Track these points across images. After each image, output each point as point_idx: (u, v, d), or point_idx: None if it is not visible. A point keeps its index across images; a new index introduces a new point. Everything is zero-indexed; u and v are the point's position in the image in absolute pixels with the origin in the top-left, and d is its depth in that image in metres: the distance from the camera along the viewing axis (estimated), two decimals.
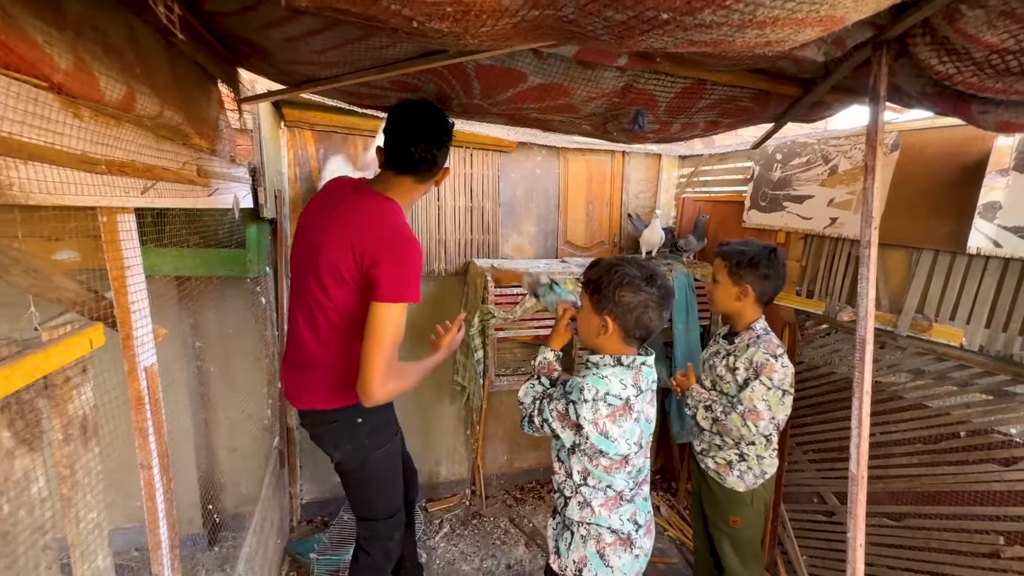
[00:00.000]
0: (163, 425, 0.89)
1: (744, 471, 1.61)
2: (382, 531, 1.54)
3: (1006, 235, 1.37)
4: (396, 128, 1.31)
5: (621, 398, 1.16)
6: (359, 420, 1.39)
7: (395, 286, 1.21)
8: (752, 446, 1.58)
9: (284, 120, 2.12)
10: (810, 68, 1.19)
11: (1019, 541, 1.41)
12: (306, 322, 1.35)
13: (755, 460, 1.59)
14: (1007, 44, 0.82)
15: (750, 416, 1.48)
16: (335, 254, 1.25)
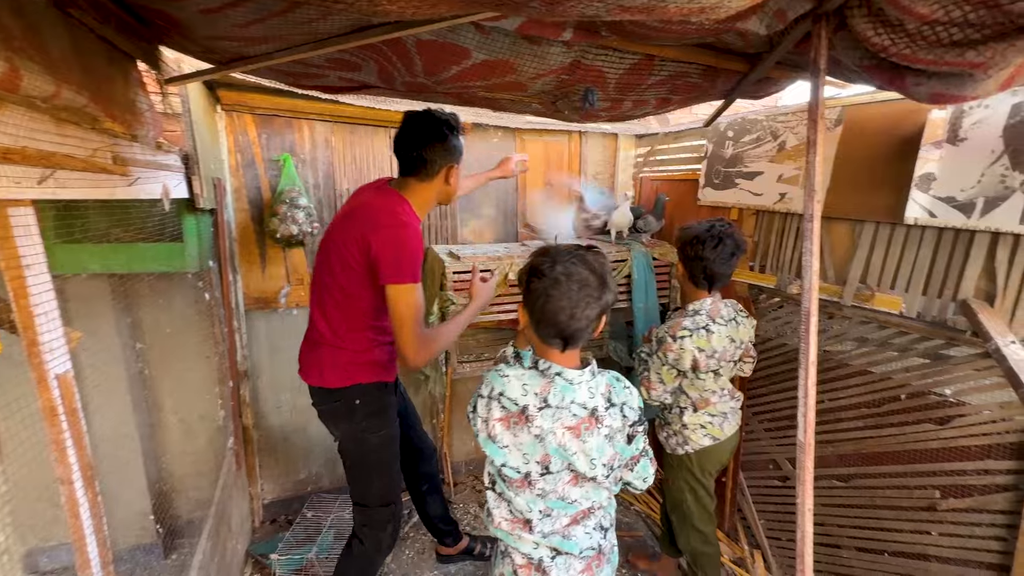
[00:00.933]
0: (83, 436, 0.82)
1: (669, 434, 1.77)
2: (376, 519, 1.60)
3: (940, 205, 1.43)
4: (397, 135, 1.48)
5: (517, 405, 1.01)
6: (357, 402, 1.51)
7: (391, 267, 1.35)
8: (668, 412, 1.76)
9: (220, 103, 1.99)
10: (755, 42, 1.18)
11: (953, 494, 1.50)
12: (318, 304, 1.53)
13: (678, 427, 1.73)
14: (937, 15, 0.83)
15: (643, 381, 1.67)
16: (347, 242, 1.42)
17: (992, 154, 1.32)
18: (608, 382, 1.07)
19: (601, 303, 0.99)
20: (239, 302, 2.18)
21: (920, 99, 1.02)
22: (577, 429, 1.00)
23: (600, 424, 1.02)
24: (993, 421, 1.39)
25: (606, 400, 1.04)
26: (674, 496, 1.81)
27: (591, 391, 1.03)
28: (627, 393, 1.07)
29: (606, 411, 1.03)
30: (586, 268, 0.98)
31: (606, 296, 0.99)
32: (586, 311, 0.97)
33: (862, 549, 1.75)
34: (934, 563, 1.55)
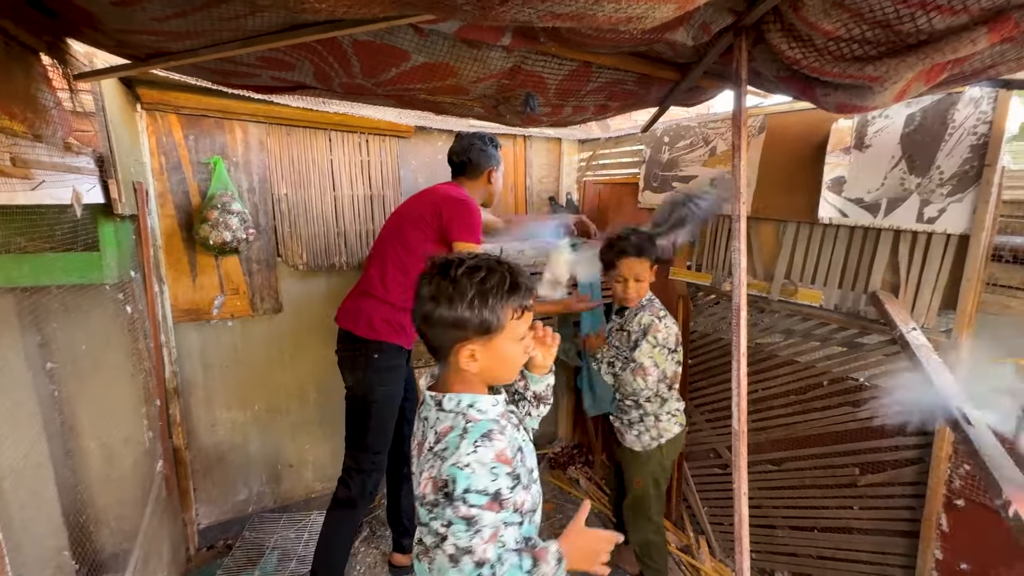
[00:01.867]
0: None
1: (641, 432, 1.79)
2: (365, 464, 1.78)
3: (850, 206, 1.56)
4: (450, 148, 1.94)
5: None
6: (376, 356, 1.73)
7: (462, 228, 1.72)
8: (649, 403, 1.76)
9: (141, 102, 1.86)
10: (683, 52, 1.25)
11: (870, 470, 1.63)
12: (378, 261, 1.80)
13: (652, 421, 1.77)
14: (840, 32, 0.91)
15: (638, 372, 1.69)
16: (420, 211, 1.78)
17: (892, 159, 1.47)
18: (452, 425, 0.88)
19: (440, 310, 0.86)
20: (166, 314, 2.03)
21: (829, 108, 1.11)
22: (420, 449, 0.93)
23: (421, 459, 0.90)
24: None
25: (434, 441, 0.88)
26: (639, 493, 1.84)
27: (428, 420, 0.93)
28: (453, 450, 0.84)
29: (430, 451, 0.88)
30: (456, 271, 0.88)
31: (448, 309, 0.86)
32: (424, 307, 0.88)
33: (795, 528, 1.87)
34: (856, 535, 1.69)
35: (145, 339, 1.88)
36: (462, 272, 0.87)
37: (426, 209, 1.77)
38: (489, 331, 0.88)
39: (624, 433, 1.84)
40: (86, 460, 1.97)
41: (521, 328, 0.92)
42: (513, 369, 0.96)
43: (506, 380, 0.97)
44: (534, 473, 0.97)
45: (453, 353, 0.90)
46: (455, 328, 0.87)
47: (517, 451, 0.91)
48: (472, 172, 1.90)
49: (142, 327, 1.88)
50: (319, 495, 2.50)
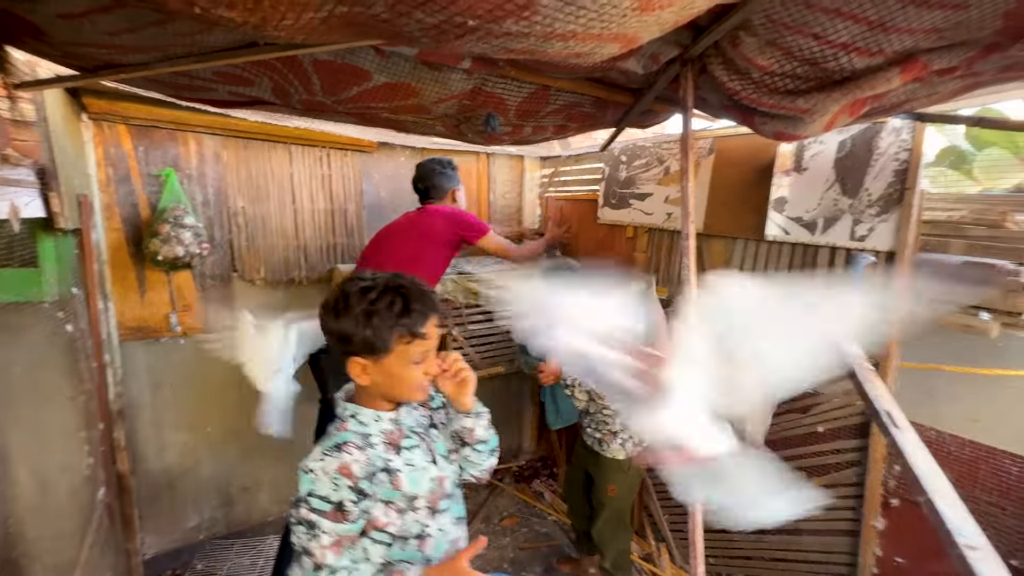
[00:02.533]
0: None
1: (626, 439, 1.81)
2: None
3: (792, 224, 1.67)
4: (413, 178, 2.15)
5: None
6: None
7: (472, 228, 2.02)
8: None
9: (87, 112, 1.78)
10: (635, 79, 1.32)
11: (817, 473, 1.72)
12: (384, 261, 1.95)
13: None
14: (774, 67, 0.99)
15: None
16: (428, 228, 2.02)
17: (827, 182, 1.58)
18: (330, 429, 0.94)
19: (329, 321, 0.90)
20: (111, 332, 1.94)
21: (767, 135, 1.20)
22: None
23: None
24: (841, 407, 1.63)
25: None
26: (617, 506, 1.84)
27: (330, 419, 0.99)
28: (309, 455, 0.88)
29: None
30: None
31: (334, 321, 0.89)
32: (319, 313, 0.92)
33: (749, 532, 1.94)
34: (805, 536, 1.77)
35: (87, 359, 1.78)
36: (355, 290, 0.88)
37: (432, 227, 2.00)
38: (374, 352, 0.88)
39: (607, 443, 1.83)
40: (16, 490, 1.83)
41: (413, 353, 0.89)
42: (411, 390, 0.93)
43: (407, 399, 0.96)
44: (417, 501, 0.93)
45: (347, 364, 0.91)
46: (342, 342, 0.89)
47: (380, 471, 0.89)
48: (437, 194, 2.10)
49: (83, 346, 1.78)
50: (275, 518, 2.40)
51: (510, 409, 3.07)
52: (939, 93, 1.04)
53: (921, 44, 0.91)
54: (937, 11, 0.83)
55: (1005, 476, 1.30)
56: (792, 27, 0.91)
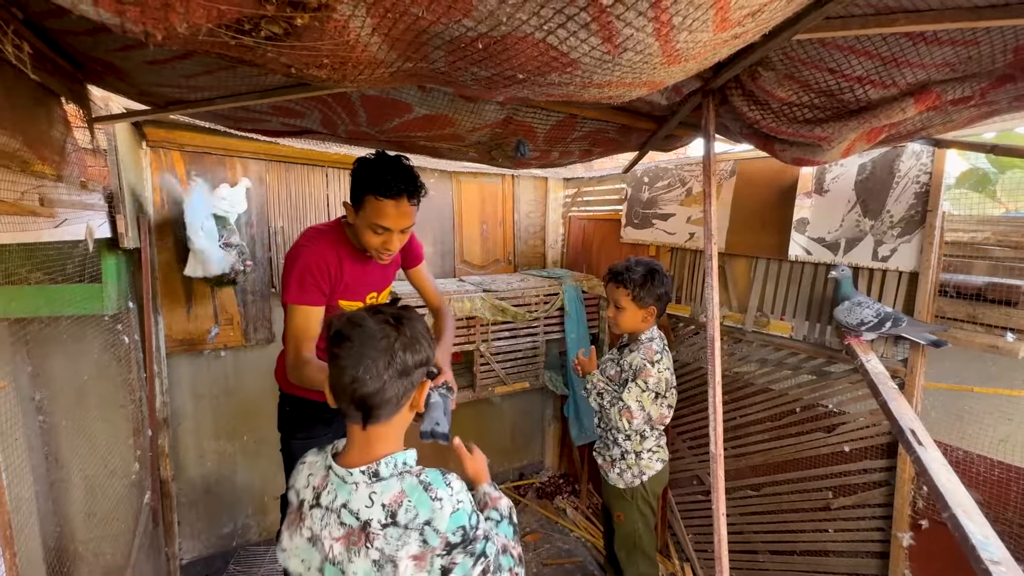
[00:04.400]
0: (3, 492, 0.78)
1: (623, 469, 1.77)
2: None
3: (814, 245, 1.70)
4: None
5: (298, 497, 0.89)
6: (287, 408, 1.63)
7: (282, 285, 1.42)
8: (628, 441, 1.75)
9: (147, 140, 1.94)
10: (659, 108, 1.39)
11: (843, 493, 1.72)
12: None
13: (633, 459, 1.75)
14: (792, 99, 1.05)
15: (624, 413, 1.66)
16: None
17: (848, 203, 1.61)
18: (405, 489, 0.81)
19: (398, 361, 0.81)
20: (160, 345, 2.06)
21: (786, 161, 1.25)
22: (345, 540, 0.81)
23: (369, 544, 0.79)
24: (867, 427, 1.64)
25: (387, 515, 0.80)
26: (627, 530, 1.82)
27: (371, 497, 0.81)
28: (435, 507, 0.80)
29: (382, 529, 0.79)
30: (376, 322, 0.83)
31: (406, 355, 0.82)
32: (375, 370, 0.79)
33: (775, 552, 1.93)
34: (832, 557, 1.76)
35: (138, 369, 1.90)
36: (413, 318, 0.88)
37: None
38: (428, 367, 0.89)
39: (607, 471, 1.83)
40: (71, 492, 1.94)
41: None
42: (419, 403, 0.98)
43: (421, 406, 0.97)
44: None
45: (406, 403, 0.87)
46: (422, 366, 0.87)
47: None
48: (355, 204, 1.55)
49: (136, 357, 1.90)
50: None
51: (533, 424, 3.11)
52: (954, 121, 1.08)
53: (934, 76, 0.96)
54: (948, 47, 0.88)
55: None
56: (808, 63, 0.97)
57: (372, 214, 1.30)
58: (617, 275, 1.72)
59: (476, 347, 2.34)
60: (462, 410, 2.80)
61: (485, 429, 2.96)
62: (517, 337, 2.45)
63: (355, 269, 1.47)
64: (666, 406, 1.74)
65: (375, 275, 1.56)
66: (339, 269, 1.42)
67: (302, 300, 1.35)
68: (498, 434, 3.01)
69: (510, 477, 3.06)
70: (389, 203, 1.28)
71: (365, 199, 1.30)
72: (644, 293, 1.68)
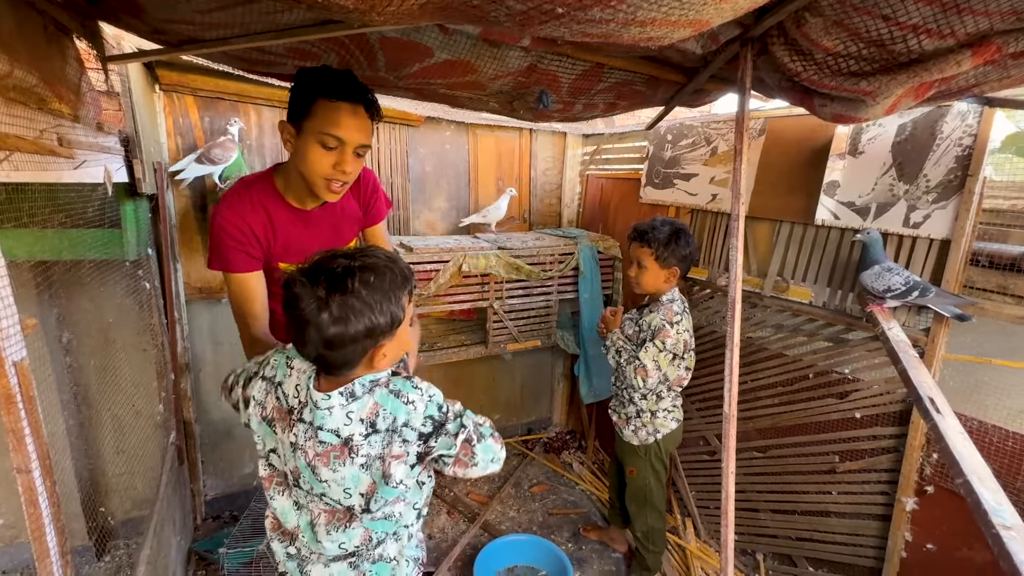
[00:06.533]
0: (40, 424, 0.81)
1: (638, 427, 1.82)
2: None
3: (843, 209, 1.65)
4: None
5: (287, 403, 0.90)
6: None
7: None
8: (644, 400, 1.79)
9: (159, 83, 1.90)
10: (692, 58, 1.31)
11: (849, 458, 1.74)
12: None
13: (648, 417, 1.80)
14: (838, 49, 0.98)
15: (640, 371, 1.69)
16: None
17: (883, 166, 1.55)
18: (378, 400, 0.87)
19: (330, 335, 0.79)
20: (180, 291, 2.09)
21: (825, 118, 1.19)
22: (326, 457, 0.86)
23: (354, 455, 0.86)
24: (881, 394, 1.63)
25: (367, 426, 0.86)
26: (638, 485, 1.89)
27: (348, 416, 0.86)
28: (408, 409, 0.87)
29: (364, 439, 0.85)
30: (307, 294, 0.79)
31: (339, 328, 0.79)
32: (312, 342, 0.80)
33: (776, 511, 1.98)
34: (834, 518, 1.80)
35: (160, 315, 1.94)
36: (359, 282, 0.80)
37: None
38: (394, 326, 0.85)
39: (622, 428, 1.88)
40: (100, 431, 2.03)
41: (411, 308, 0.94)
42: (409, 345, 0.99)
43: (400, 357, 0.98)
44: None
45: (365, 362, 0.87)
46: (368, 338, 0.83)
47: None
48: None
49: (157, 303, 1.94)
50: None
51: (543, 382, 3.16)
52: (1012, 77, 1.01)
53: (997, 26, 0.88)
54: None
55: None
56: (861, 8, 0.90)
57: (323, 122, 1.09)
58: (642, 234, 1.71)
59: (490, 304, 2.35)
60: (473, 365, 2.85)
61: (496, 385, 3.01)
62: (531, 296, 2.44)
63: (293, 227, 1.25)
64: (683, 368, 1.77)
65: (323, 234, 1.31)
66: (269, 228, 1.21)
67: (227, 267, 1.18)
68: (508, 390, 3.07)
69: (519, 432, 3.14)
70: (345, 107, 1.09)
71: (314, 105, 1.09)
72: (668, 253, 1.67)
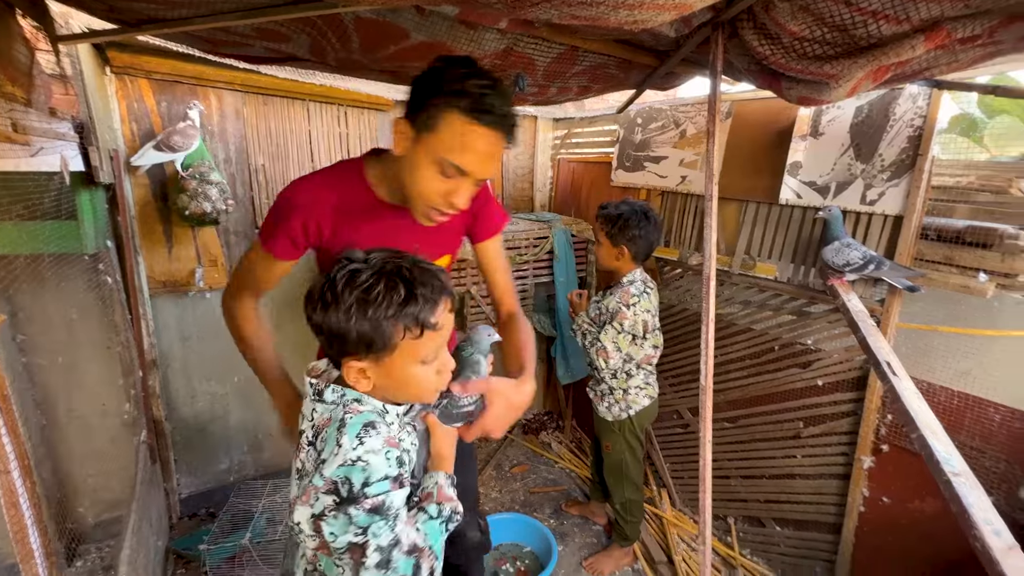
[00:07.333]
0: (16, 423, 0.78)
1: (611, 404, 1.91)
2: None
3: (805, 188, 1.73)
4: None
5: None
6: None
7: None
8: (615, 379, 1.87)
9: (110, 66, 1.79)
10: (664, 42, 1.34)
11: (812, 423, 1.85)
12: None
13: (621, 394, 1.89)
14: (804, 33, 1.02)
15: (601, 353, 1.79)
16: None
17: (842, 147, 1.63)
18: (332, 419, 0.75)
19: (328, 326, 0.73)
20: (143, 286, 2.01)
21: (791, 100, 1.24)
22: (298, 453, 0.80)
23: (296, 453, 0.80)
24: (841, 362, 1.74)
25: (313, 434, 0.77)
26: (614, 459, 1.96)
27: (312, 412, 0.79)
28: (333, 450, 0.71)
29: (307, 445, 0.77)
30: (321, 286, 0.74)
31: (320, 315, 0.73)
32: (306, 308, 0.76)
33: (746, 477, 2.10)
34: (799, 480, 1.92)
35: (123, 310, 1.86)
36: (342, 276, 0.71)
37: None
38: (372, 350, 0.72)
39: (597, 404, 1.96)
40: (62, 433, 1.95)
41: (423, 350, 0.74)
42: (422, 393, 0.80)
43: (417, 401, 0.83)
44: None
45: (343, 367, 0.76)
46: (333, 341, 0.74)
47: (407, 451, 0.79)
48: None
49: (119, 298, 1.85)
50: None
51: None
52: (959, 61, 1.08)
53: (947, 12, 0.94)
54: None
55: (988, 423, 1.43)
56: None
57: (449, 145, 0.87)
58: (601, 208, 1.83)
59: (467, 289, 2.35)
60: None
61: None
62: None
63: (373, 226, 1.04)
64: (649, 346, 1.85)
65: (406, 237, 1.05)
66: (333, 226, 1.03)
67: (264, 240, 1.03)
68: None
69: None
70: (482, 132, 0.86)
71: (444, 118, 0.86)
72: (616, 231, 1.78)
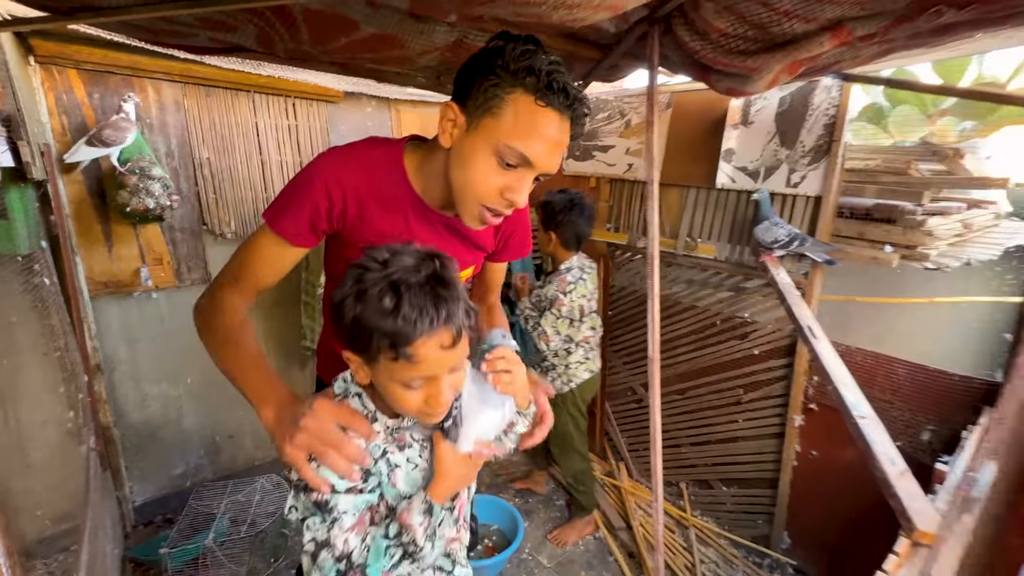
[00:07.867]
0: None
1: (554, 378, 2.05)
2: None
3: (738, 173, 1.87)
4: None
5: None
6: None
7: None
8: (556, 357, 2.02)
9: (34, 55, 1.69)
10: (606, 36, 1.42)
11: (751, 389, 2.02)
12: None
13: (562, 368, 2.02)
14: (728, 30, 1.13)
15: (542, 337, 1.93)
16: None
17: (769, 134, 1.78)
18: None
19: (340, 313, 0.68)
20: (83, 287, 1.91)
21: (720, 91, 1.35)
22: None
23: None
24: (773, 332, 1.91)
25: None
26: (559, 431, 2.04)
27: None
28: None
29: None
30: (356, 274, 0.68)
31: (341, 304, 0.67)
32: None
33: (695, 443, 2.26)
34: (741, 442, 2.09)
35: (61, 314, 1.77)
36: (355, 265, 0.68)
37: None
38: (355, 350, 0.68)
39: (541, 376, 2.09)
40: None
41: (403, 374, 0.66)
42: (407, 410, 0.72)
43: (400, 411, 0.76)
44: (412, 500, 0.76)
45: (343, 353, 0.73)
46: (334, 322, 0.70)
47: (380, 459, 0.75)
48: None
49: (55, 301, 1.76)
50: (261, 463, 2.52)
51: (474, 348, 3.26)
52: (860, 57, 1.22)
53: (847, 13, 1.07)
54: None
55: (895, 377, 1.62)
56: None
57: (515, 128, 0.74)
58: (546, 195, 1.95)
59: None
60: None
61: None
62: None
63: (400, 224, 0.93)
64: (587, 328, 2.00)
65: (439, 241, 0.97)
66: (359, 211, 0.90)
67: (274, 222, 0.88)
68: None
69: None
70: (552, 117, 0.74)
71: (509, 97, 0.73)
72: (545, 216, 1.92)
